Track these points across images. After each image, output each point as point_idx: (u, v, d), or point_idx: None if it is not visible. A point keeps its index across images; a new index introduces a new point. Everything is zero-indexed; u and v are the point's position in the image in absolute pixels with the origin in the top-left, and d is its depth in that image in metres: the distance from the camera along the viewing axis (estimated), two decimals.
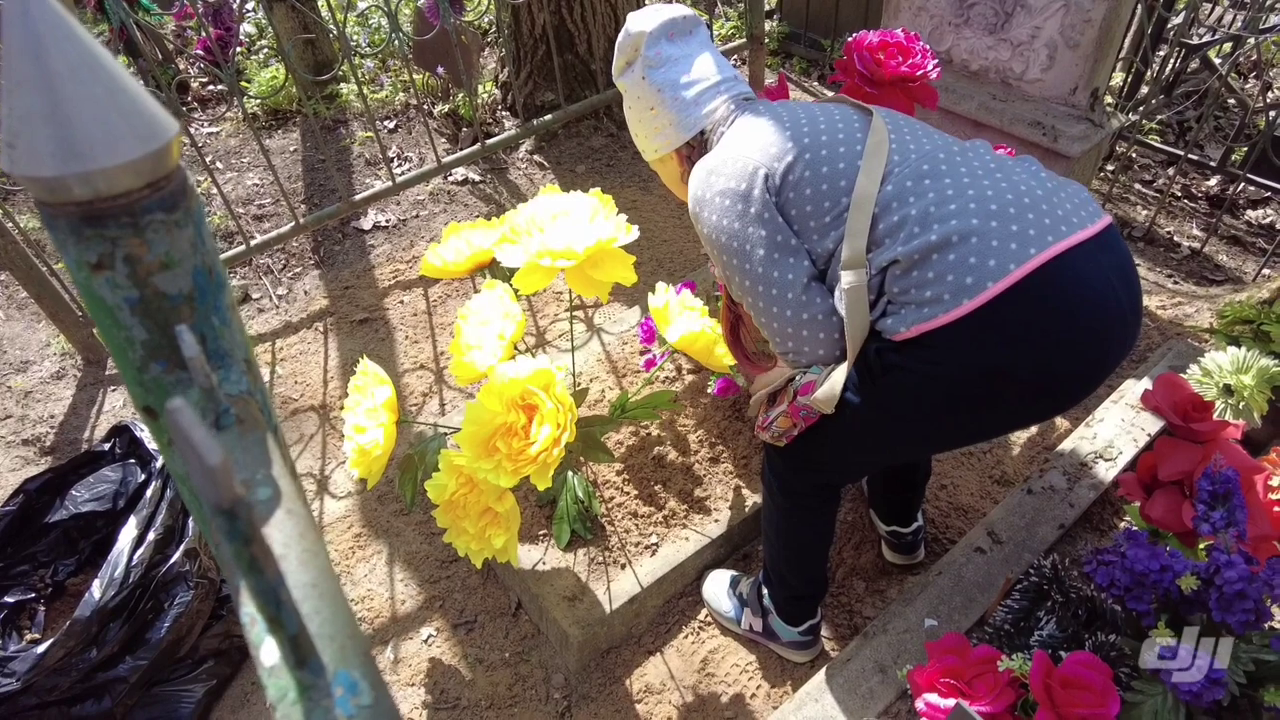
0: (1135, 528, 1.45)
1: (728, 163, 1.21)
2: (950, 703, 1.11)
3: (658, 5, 1.36)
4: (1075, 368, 1.06)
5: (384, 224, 3.07)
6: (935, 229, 1.06)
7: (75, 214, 0.38)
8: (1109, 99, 2.99)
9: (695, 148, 1.36)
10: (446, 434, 1.69)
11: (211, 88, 3.91)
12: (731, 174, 1.20)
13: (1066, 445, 1.81)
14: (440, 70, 3.32)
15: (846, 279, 1.12)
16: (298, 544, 0.36)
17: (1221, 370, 1.48)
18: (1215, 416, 1.43)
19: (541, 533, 1.83)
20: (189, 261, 0.42)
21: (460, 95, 3.47)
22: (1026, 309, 1.03)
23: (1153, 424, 1.81)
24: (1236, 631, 1.04)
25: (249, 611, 0.35)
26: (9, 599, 1.70)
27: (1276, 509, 1.33)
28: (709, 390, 2.00)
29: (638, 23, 1.33)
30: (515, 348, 1.58)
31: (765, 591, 1.63)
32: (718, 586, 1.76)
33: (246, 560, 0.25)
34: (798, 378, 1.25)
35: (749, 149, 1.21)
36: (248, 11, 4.22)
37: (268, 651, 0.32)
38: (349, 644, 0.33)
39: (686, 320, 1.72)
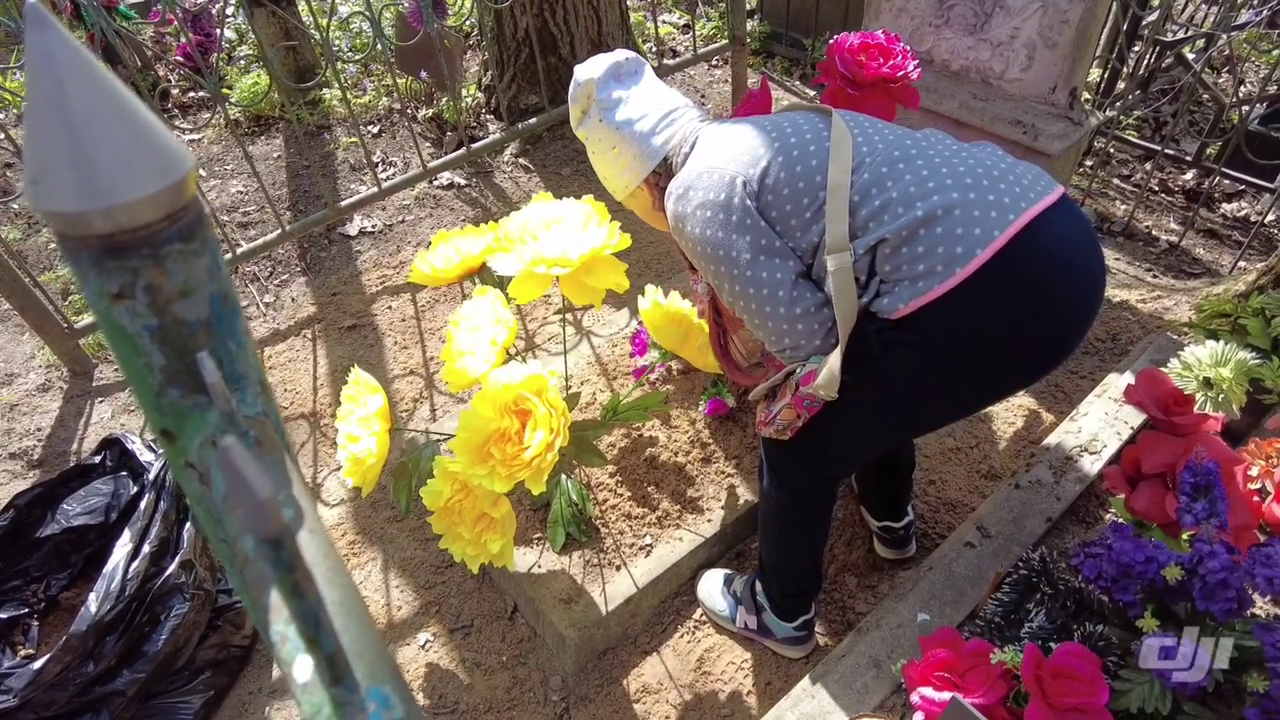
0: (1120, 520, 1.48)
1: (702, 176, 1.24)
2: (945, 696, 1.13)
3: (600, 55, 1.42)
4: (1060, 325, 1.15)
5: (370, 230, 3.07)
6: (919, 206, 1.11)
7: (97, 246, 0.39)
8: (1087, 96, 3.03)
9: (662, 175, 1.39)
10: (439, 440, 1.70)
11: (193, 94, 3.89)
12: (709, 186, 1.23)
13: (1052, 440, 1.84)
14: (424, 74, 3.32)
15: (832, 262, 1.16)
16: (323, 563, 0.37)
17: (1201, 364, 1.51)
18: (1196, 409, 1.46)
19: (536, 536, 1.84)
20: (206, 289, 0.43)
21: (444, 99, 3.47)
22: (1013, 271, 1.09)
23: (1136, 417, 1.84)
24: (1220, 619, 1.07)
25: (279, 630, 0.36)
26: (2, 614, 1.69)
27: (1256, 499, 1.36)
28: (700, 408, 2.02)
29: (585, 71, 1.39)
30: (507, 353, 1.59)
31: (759, 588, 1.65)
32: (712, 586, 1.78)
33: (290, 586, 0.26)
34: (797, 370, 1.28)
35: (721, 160, 1.24)
36: (228, 17, 4.20)
37: (301, 669, 0.34)
38: (378, 660, 0.34)
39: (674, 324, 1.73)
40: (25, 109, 0.37)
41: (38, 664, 1.49)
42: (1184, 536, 1.33)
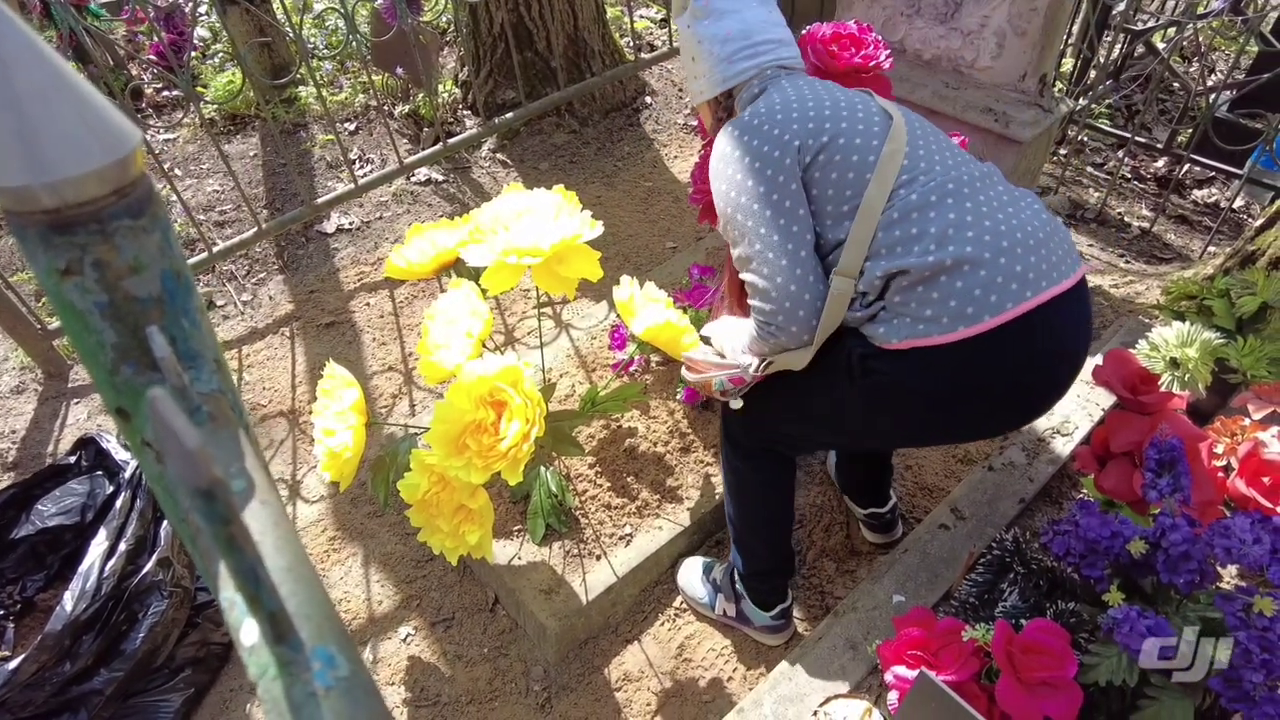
0: (1089, 499, 1.51)
1: (762, 128, 1.22)
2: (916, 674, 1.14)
3: None
4: (1028, 409, 1.21)
5: (347, 226, 3.05)
6: (950, 250, 1.10)
7: (44, 222, 0.39)
8: (1060, 85, 3.06)
9: (722, 104, 1.39)
10: (417, 434, 1.70)
11: (166, 93, 3.86)
12: (765, 139, 1.20)
13: None
14: (400, 71, 3.31)
15: (836, 284, 1.16)
16: (272, 531, 0.38)
17: (1168, 344, 1.53)
18: (1163, 389, 1.49)
19: (516, 528, 1.84)
20: (157, 265, 0.43)
21: (420, 95, 3.45)
22: (1009, 346, 1.11)
23: (1107, 399, 1.87)
24: (1183, 591, 1.09)
25: (228, 596, 0.36)
26: None
27: (1221, 475, 1.39)
28: (678, 395, 2.03)
29: None
30: (484, 346, 1.60)
31: (737, 575, 1.67)
32: (691, 574, 1.79)
33: (225, 540, 0.26)
34: (728, 368, 1.35)
35: (785, 119, 1.22)
36: (201, 15, 4.17)
37: (247, 632, 0.34)
38: (325, 622, 0.35)
39: (651, 312, 1.74)
40: None
41: (12, 664, 1.47)
42: (1151, 512, 1.35)
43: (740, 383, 1.36)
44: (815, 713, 1.36)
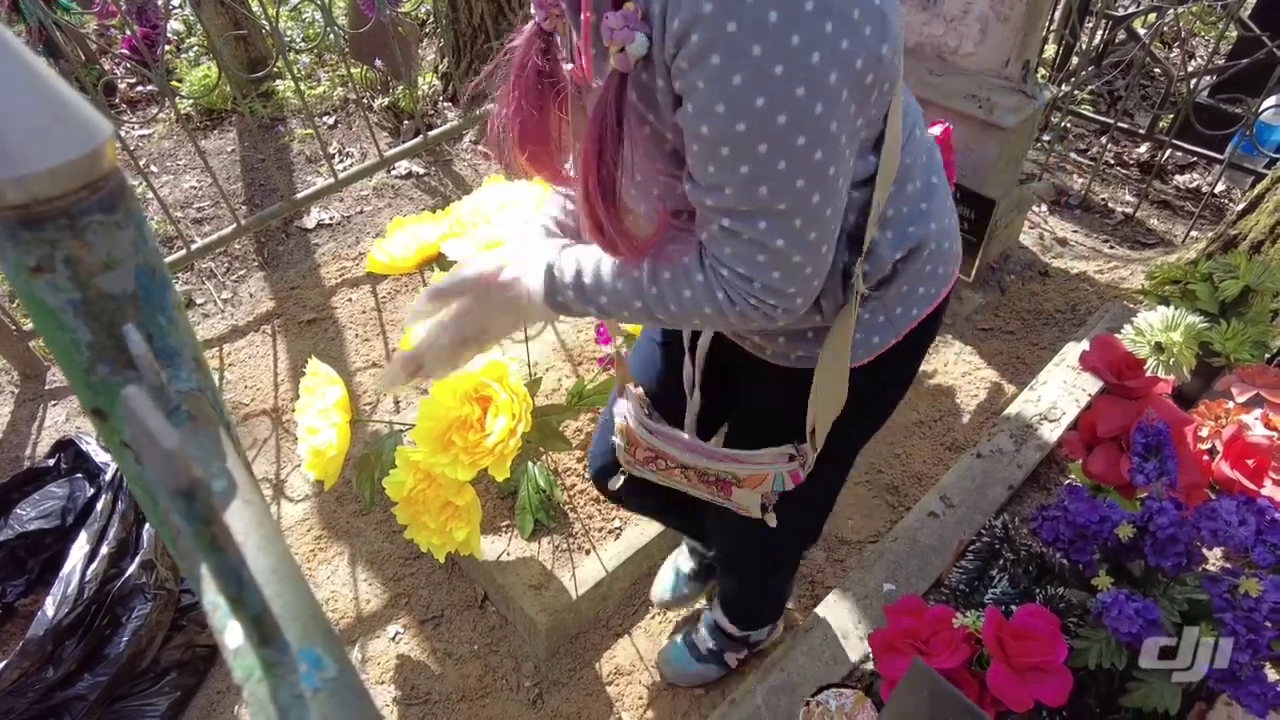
0: (1078, 484, 1.51)
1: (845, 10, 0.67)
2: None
3: None
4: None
5: (328, 222, 3.02)
6: (937, 215, 0.94)
7: (11, 218, 0.38)
8: (1043, 72, 3.07)
9: None
10: (402, 431, 1.68)
11: (140, 88, 3.80)
12: (849, 29, 0.67)
13: (1013, 409, 1.87)
14: (378, 63, 3.27)
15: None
16: (256, 531, 0.36)
17: (1153, 329, 1.54)
18: (1147, 373, 1.49)
19: (505, 524, 1.83)
20: (131, 261, 0.42)
21: (400, 88, 3.42)
22: (931, 328, 1.02)
23: (1094, 384, 1.88)
24: (1170, 574, 1.10)
25: (211, 598, 0.35)
26: None
27: (1206, 458, 1.40)
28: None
29: None
30: None
31: (736, 630, 1.57)
32: (679, 664, 1.64)
33: (207, 540, 0.25)
34: (777, 476, 1.04)
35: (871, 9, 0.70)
36: (174, 8, 4.10)
37: (232, 634, 0.33)
38: (311, 623, 0.34)
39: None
40: None
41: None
42: (1138, 496, 1.36)
43: (797, 477, 1.04)
44: (807, 702, 1.36)
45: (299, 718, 0.31)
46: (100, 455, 1.82)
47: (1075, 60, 3.00)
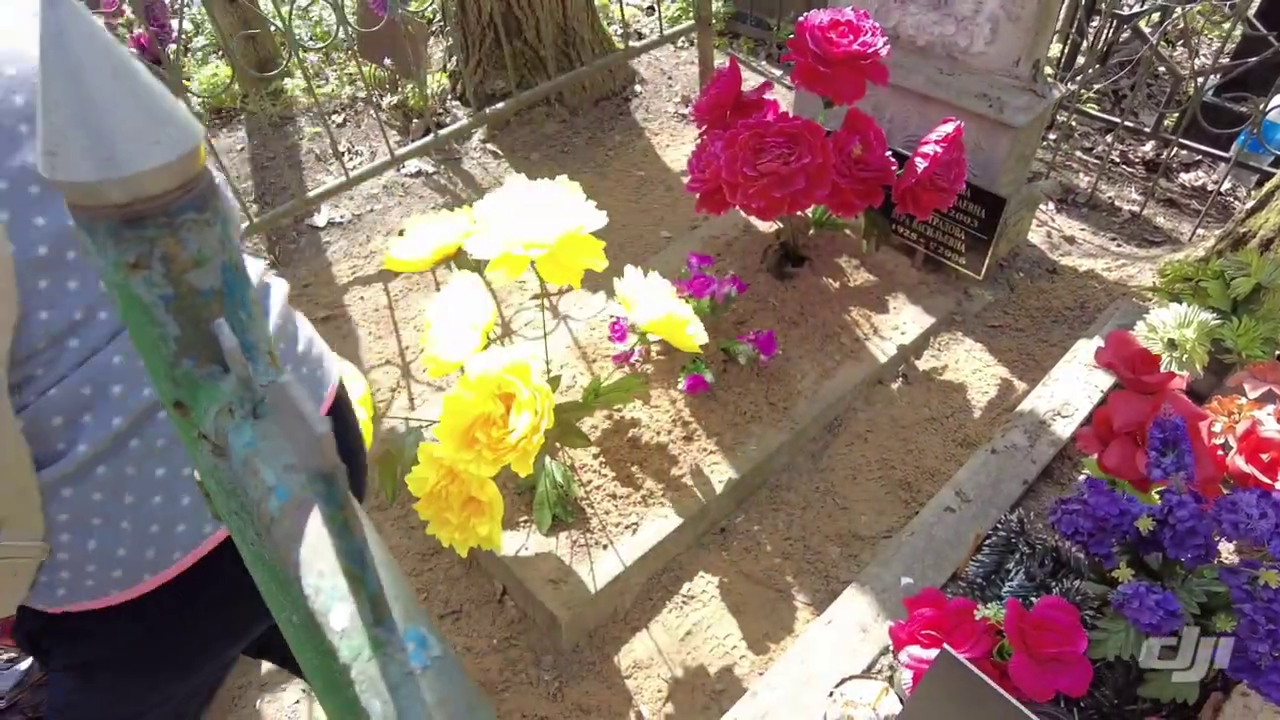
0: (1095, 478, 1.53)
1: None
2: (933, 654, 1.16)
3: None
4: None
5: (339, 220, 3.04)
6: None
7: (114, 216, 0.39)
8: (1049, 70, 3.09)
9: None
10: (422, 427, 1.70)
11: None
12: None
13: (1026, 405, 1.88)
14: (388, 61, 3.28)
15: None
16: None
17: (1165, 326, 1.56)
18: (1161, 369, 1.51)
19: (522, 519, 1.85)
20: (218, 258, 0.44)
21: (409, 86, 3.43)
22: None
23: (1106, 380, 1.90)
24: (1189, 566, 1.11)
25: (311, 584, 0.37)
26: None
27: (1219, 453, 1.41)
28: (680, 385, 2.03)
29: None
30: (488, 337, 1.60)
31: None
32: None
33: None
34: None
35: None
36: (184, 7, 4.11)
37: (337, 617, 0.35)
38: (411, 605, 0.36)
39: (654, 302, 1.74)
40: (40, 83, 0.37)
41: (23, 665, 1.47)
42: (1154, 490, 1.38)
43: None
44: (830, 694, 1.38)
45: (409, 694, 0.33)
46: None
47: (1081, 59, 3.01)
